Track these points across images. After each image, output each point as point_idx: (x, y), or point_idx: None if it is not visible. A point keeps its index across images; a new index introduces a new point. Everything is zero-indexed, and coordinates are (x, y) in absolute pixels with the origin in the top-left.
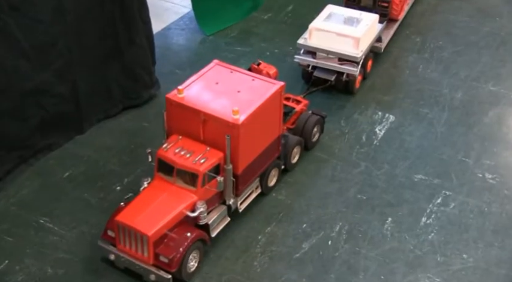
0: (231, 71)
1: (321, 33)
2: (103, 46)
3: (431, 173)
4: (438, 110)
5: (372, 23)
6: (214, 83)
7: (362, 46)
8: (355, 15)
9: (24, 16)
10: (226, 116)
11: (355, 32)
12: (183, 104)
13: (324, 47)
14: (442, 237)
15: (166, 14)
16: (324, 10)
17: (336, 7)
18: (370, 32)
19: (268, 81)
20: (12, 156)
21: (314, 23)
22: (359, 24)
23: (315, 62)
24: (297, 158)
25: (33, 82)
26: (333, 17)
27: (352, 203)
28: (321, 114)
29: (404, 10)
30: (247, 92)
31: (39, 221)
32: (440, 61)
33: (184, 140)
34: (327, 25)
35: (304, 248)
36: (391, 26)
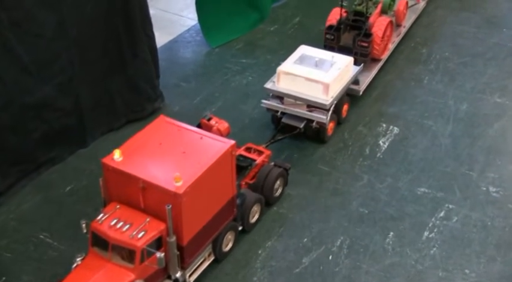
0: (177, 128)
1: (289, 77)
2: (106, 60)
3: (434, 186)
4: (443, 122)
5: (345, 66)
6: (157, 144)
7: (332, 92)
8: (327, 58)
9: (26, 31)
10: (167, 184)
11: (324, 77)
12: (120, 169)
13: (292, 92)
14: (444, 252)
15: (173, 27)
16: (296, 51)
17: (309, 48)
18: (342, 76)
19: (218, 140)
20: (14, 171)
21: (282, 66)
22: (330, 68)
23: (282, 108)
24: (257, 217)
25: (35, 96)
26: (304, 59)
27: (354, 217)
28: (284, 166)
29: (388, 49)
30: (193, 153)
31: (39, 236)
32: (445, 72)
33: (123, 209)
34: (296, 69)
35: (304, 262)
36: (373, 66)
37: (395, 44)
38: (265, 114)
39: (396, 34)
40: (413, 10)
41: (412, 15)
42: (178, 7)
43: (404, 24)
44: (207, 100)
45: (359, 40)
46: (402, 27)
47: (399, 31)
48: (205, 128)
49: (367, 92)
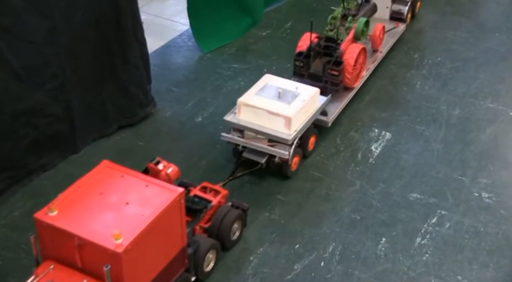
0: (121, 174)
1: (249, 110)
2: (97, 66)
3: (426, 191)
4: (435, 128)
5: (309, 98)
6: (98, 193)
7: (295, 126)
8: (292, 89)
9: (16, 38)
10: (105, 241)
11: (287, 110)
12: (54, 225)
13: (252, 125)
14: (436, 258)
15: (165, 32)
16: (260, 80)
17: (273, 78)
18: (307, 109)
19: (165, 188)
20: (4, 177)
21: (243, 98)
22: (294, 100)
23: (242, 142)
24: (212, 264)
25: (25, 102)
26: (267, 90)
27: (346, 223)
28: (243, 207)
29: (362, 77)
30: (137, 204)
31: (30, 243)
32: (438, 77)
33: (58, 269)
34: (257, 100)
35: (296, 269)
36: (345, 94)
37: (370, 70)
38: None
39: (372, 60)
40: (392, 34)
41: (390, 39)
42: (170, 12)
43: (381, 49)
44: (199, 105)
45: (329, 68)
46: (379, 53)
47: (375, 57)
48: (152, 172)
49: (359, 97)
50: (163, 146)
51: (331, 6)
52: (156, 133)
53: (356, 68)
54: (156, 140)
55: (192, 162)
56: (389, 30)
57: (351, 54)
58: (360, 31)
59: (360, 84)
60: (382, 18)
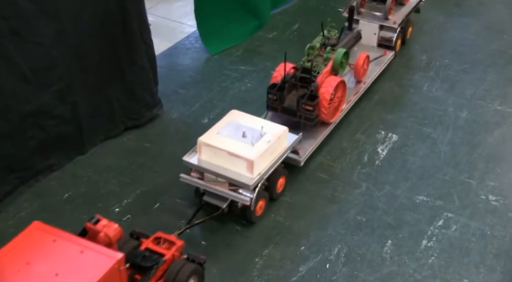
0: (53, 238)
1: (210, 150)
2: (104, 67)
3: (433, 194)
4: (442, 130)
5: (276, 138)
6: (24, 263)
7: (259, 169)
8: (257, 127)
9: (24, 39)
10: None
11: (249, 152)
12: None
13: (213, 167)
14: (442, 261)
15: (172, 34)
16: (225, 117)
17: (239, 114)
18: (274, 150)
19: (103, 253)
20: (12, 178)
21: (204, 136)
22: (258, 141)
23: (202, 185)
24: None
25: (32, 104)
26: (231, 127)
27: (352, 225)
28: (199, 260)
29: (341, 110)
30: (68, 275)
31: None
32: (445, 79)
33: None
34: (219, 140)
35: (301, 271)
36: (322, 130)
37: (352, 102)
38: None
39: (354, 92)
40: (379, 62)
41: (376, 68)
42: (178, 14)
43: (364, 80)
44: (206, 107)
45: (303, 103)
46: (362, 84)
47: (358, 88)
48: (91, 233)
49: (365, 99)
50: (169, 148)
51: (338, 8)
52: (163, 134)
53: (333, 102)
54: (162, 142)
55: None
56: (376, 59)
57: (327, 88)
58: (339, 63)
59: (338, 118)
60: (369, 45)
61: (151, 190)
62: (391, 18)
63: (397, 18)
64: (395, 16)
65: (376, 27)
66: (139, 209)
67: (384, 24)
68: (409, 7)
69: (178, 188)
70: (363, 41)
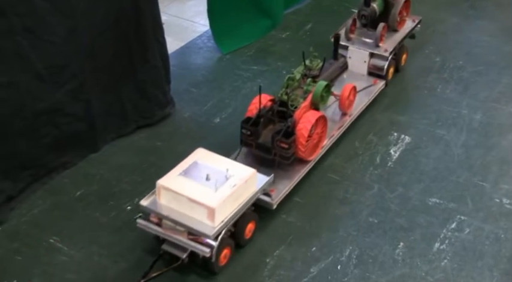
0: None
1: (170, 194)
2: (117, 66)
3: (446, 196)
4: (456, 132)
5: (243, 182)
6: None
7: (221, 217)
8: (223, 170)
9: (38, 37)
10: None
11: (210, 198)
12: None
13: (172, 214)
14: (455, 264)
15: (185, 33)
16: (189, 156)
17: (206, 153)
18: (239, 195)
19: None
20: (25, 175)
21: (164, 179)
22: (223, 185)
23: (160, 232)
24: None
25: (46, 102)
26: (194, 169)
27: (364, 227)
28: None
29: (321, 147)
30: None
31: (50, 240)
32: (459, 81)
33: None
34: (179, 184)
35: (312, 272)
36: (299, 169)
37: (335, 138)
38: None
39: (338, 125)
40: (368, 92)
41: (364, 98)
42: (191, 13)
43: (350, 112)
44: (218, 106)
45: (278, 140)
46: (348, 117)
47: (343, 121)
48: None
49: (378, 101)
50: (181, 147)
51: (351, 8)
52: (175, 133)
53: (313, 139)
54: (174, 141)
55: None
56: (365, 89)
57: (305, 124)
58: (319, 97)
59: (318, 156)
60: (359, 73)
61: None
62: (382, 46)
63: (388, 46)
64: (387, 43)
65: (366, 55)
66: None
67: (374, 52)
68: (402, 33)
69: None
70: (353, 68)
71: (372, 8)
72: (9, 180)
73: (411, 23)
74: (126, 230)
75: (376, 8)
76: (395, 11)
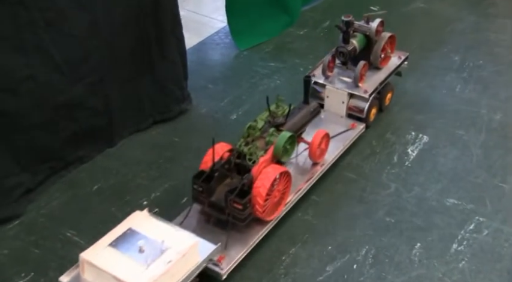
0: None
1: (94, 270)
2: (135, 61)
3: (464, 197)
4: (475, 132)
5: (181, 256)
6: None
7: None
8: (158, 240)
9: (59, 31)
10: None
11: (140, 278)
12: None
13: None
14: (473, 266)
15: (203, 29)
16: (124, 222)
17: (144, 217)
18: (176, 271)
19: None
20: (44, 168)
21: (88, 251)
22: (157, 260)
23: None
24: None
25: (66, 96)
26: (128, 238)
27: (380, 226)
28: None
29: (284, 205)
30: None
31: (67, 233)
32: (479, 81)
33: None
34: (106, 257)
35: (328, 271)
36: (257, 230)
37: (302, 192)
38: None
39: (307, 177)
40: (344, 138)
41: (339, 144)
42: (208, 9)
43: (322, 162)
44: (234, 103)
45: (231, 200)
46: (319, 167)
47: (312, 172)
48: None
49: (395, 100)
50: (197, 143)
51: (370, 6)
52: (191, 129)
53: (273, 197)
54: (190, 136)
55: None
56: (341, 134)
57: (263, 182)
58: (280, 150)
59: (280, 215)
60: (337, 114)
61: (179, 184)
62: (362, 86)
63: (369, 87)
64: (368, 83)
65: (345, 95)
66: (167, 203)
67: (353, 92)
68: (386, 72)
69: None
70: (331, 108)
71: (352, 45)
72: (28, 172)
73: (397, 60)
74: None
75: (356, 45)
76: (378, 47)
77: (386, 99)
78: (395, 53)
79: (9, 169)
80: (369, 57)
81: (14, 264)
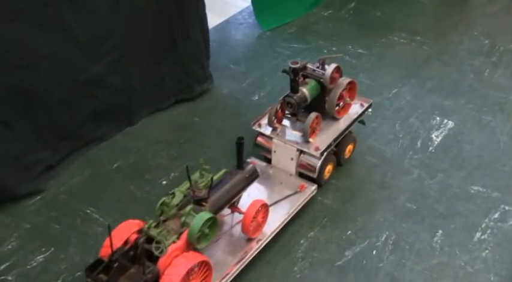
0: None
1: None
2: (157, 40)
3: (489, 185)
4: (502, 118)
5: None
6: None
7: None
8: None
9: (82, 8)
10: None
11: None
12: None
13: None
14: (497, 256)
15: (226, 8)
16: None
17: None
18: None
19: None
20: (65, 145)
21: None
22: None
23: None
24: None
25: (87, 73)
26: None
27: (401, 212)
28: None
29: None
30: None
31: (86, 210)
32: (509, 65)
33: None
34: None
35: (347, 256)
36: None
37: (230, 277)
38: None
39: (237, 258)
40: (292, 202)
41: (283, 212)
42: None
43: (258, 237)
44: (256, 84)
45: None
46: (255, 243)
47: (245, 252)
48: None
49: (420, 83)
50: (218, 123)
51: None
52: (212, 110)
53: None
54: (211, 117)
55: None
56: (286, 198)
57: (170, 277)
58: (195, 235)
59: None
60: (287, 172)
61: (198, 165)
62: (314, 142)
63: (322, 142)
64: (323, 136)
65: (294, 151)
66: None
67: (302, 149)
68: (345, 122)
69: (225, 164)
70: (279, 164)
71: (302, 95)
72: (49, 149)
73: (359, 108)
74: None
75: (307, 94)
76: (334, 96)
77: (346, 151)
78: (357, 99)
79: (31, 146)
80: (324, 107)
81: (35, 239)
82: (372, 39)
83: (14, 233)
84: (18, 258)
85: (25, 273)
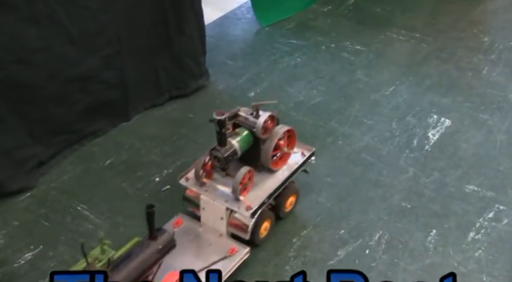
0: None
1: None
2: (152, 35)
3: (485, 184)
4: (500, 117)
5: None
6: None
7: None
8: None
9: (73, 3)
10: None
11: None
12: None
13: None
14: (490, 256)
15: (225, 3)
16: None
17: None
18: None
19: None
20: (57, 141)
21: None
22: None
23: None
24: None
25: (80, 68)
26: None
27: (395, 211)
28: None
29: None
30: None
31: (77, 207)
32: (508, 64)
33: None
34: None
35: (339, 255)
36: None
37: None
38: (313, 96)
39: None
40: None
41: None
42: None
43: None
44: (253, 80)
45: None
46: None
47: None
48: None
49: (417, 81)
50: None
51: None
52: (208, 106)
53: None
54: (207, 113)
55: None
56: (213, 265)
57: None
58: None
59: None
60: (217, 231)
61: (191, 162)
62: (244, 200)
63: (255, 200)
64: (255, 194)
65: (223, 210)
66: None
67: (232, 208)
68: (284, 174)
69: None
70: (208, 222)
71: (230, 148)
72: (41, 145)
73: (300, 157)
74: (152, 201)
75: (236, 147)
76: (269, 146)
77: (287, 205)
78: (298, 147)
79: (22, 140)
80: (260, 158)
81: (24, 236)
82: (371, 36)
83: (1, 230)
84: (6, 256)
85: (13, 271)
